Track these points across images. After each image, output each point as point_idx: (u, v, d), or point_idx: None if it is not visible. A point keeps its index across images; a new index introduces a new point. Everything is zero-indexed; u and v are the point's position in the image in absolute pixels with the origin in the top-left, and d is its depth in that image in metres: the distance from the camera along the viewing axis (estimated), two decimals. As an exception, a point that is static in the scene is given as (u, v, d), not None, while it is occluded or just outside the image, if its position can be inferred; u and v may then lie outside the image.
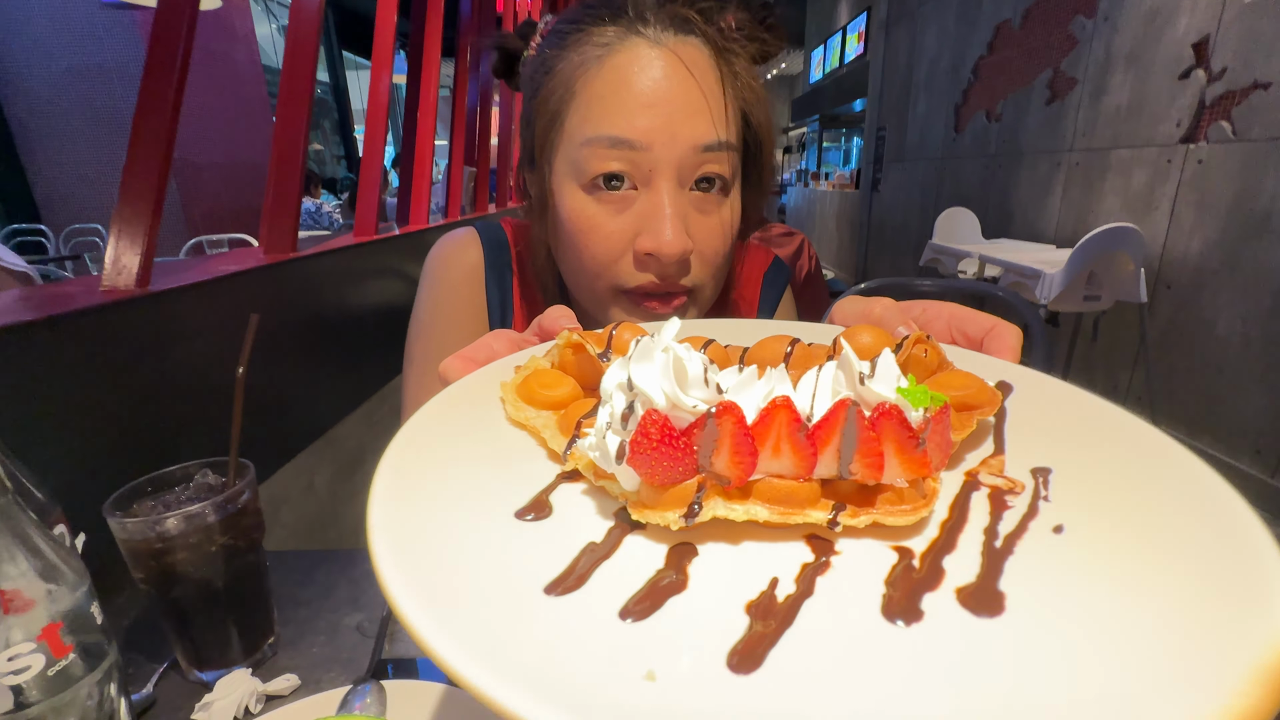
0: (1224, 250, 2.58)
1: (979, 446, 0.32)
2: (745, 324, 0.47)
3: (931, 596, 0.22)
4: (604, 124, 0.54)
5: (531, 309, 0.73)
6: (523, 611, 0.21)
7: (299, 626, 0.62)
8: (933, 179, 5.28)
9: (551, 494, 0.28)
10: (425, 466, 0.28)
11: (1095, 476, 0.28)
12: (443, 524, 0.25)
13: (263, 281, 1.08)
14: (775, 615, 0.21)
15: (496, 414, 0.35)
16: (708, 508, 0.25)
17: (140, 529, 0.48)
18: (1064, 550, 0.24)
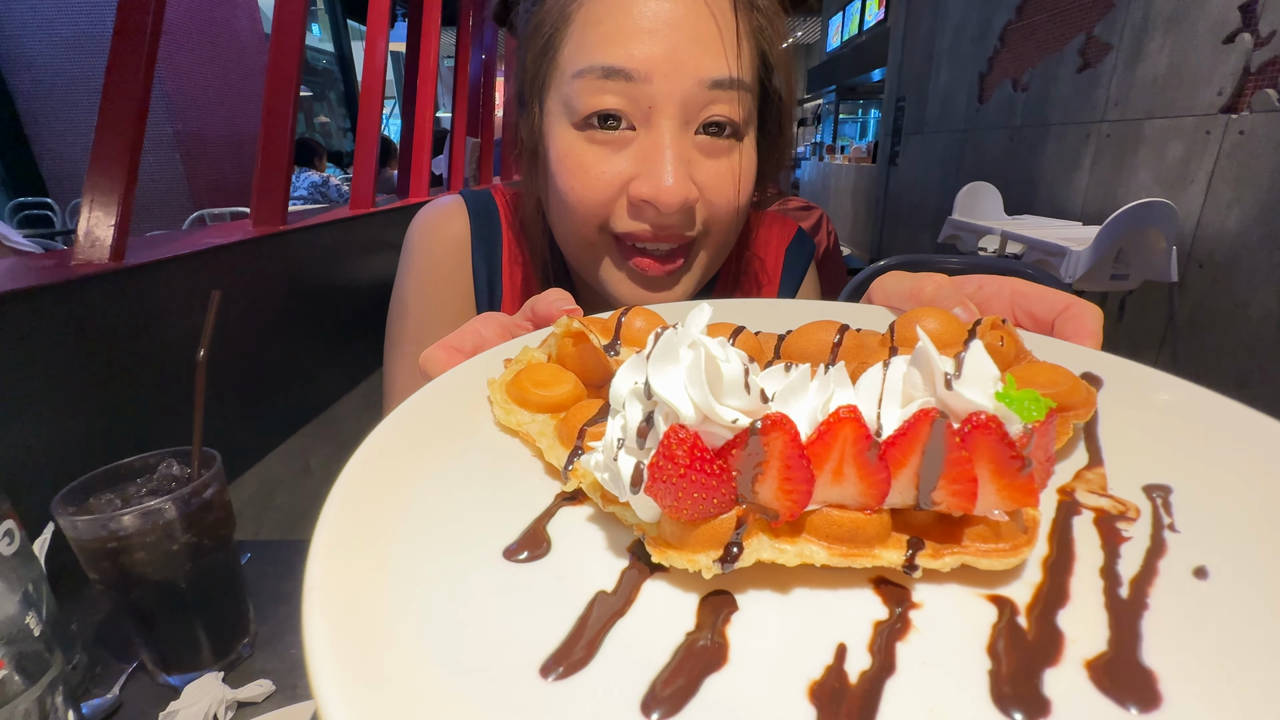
0: (1263, 227, 2.45)
1: (1070, 455, 0.25)
2: (775, 304, 0.40)
3: (1054, 674, 0.17)
4: (598, 52, 0.47)
5: (524, 285, 0.67)
6: (505, 710, 0.15)
7: (278, 624, 0.58)
8: (954, 152, 5.11)
9: (549, 523, 0.23)
10: (388, 493, 0.22)
11: (1230, 497, 0.22)
12: (405, 577, 0.19)
13: (250, 255, 1.03)
14: (851, 706, 0.16)
15: (483, 418, 0.29)
16: (750, 549, 0.20)
17: (91, 528, 0.44)
18: (1215, 603, 0.18)
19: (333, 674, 0.15)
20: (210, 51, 4.97)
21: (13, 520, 0.46)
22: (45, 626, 0.39)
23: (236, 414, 0.85)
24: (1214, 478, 0.23)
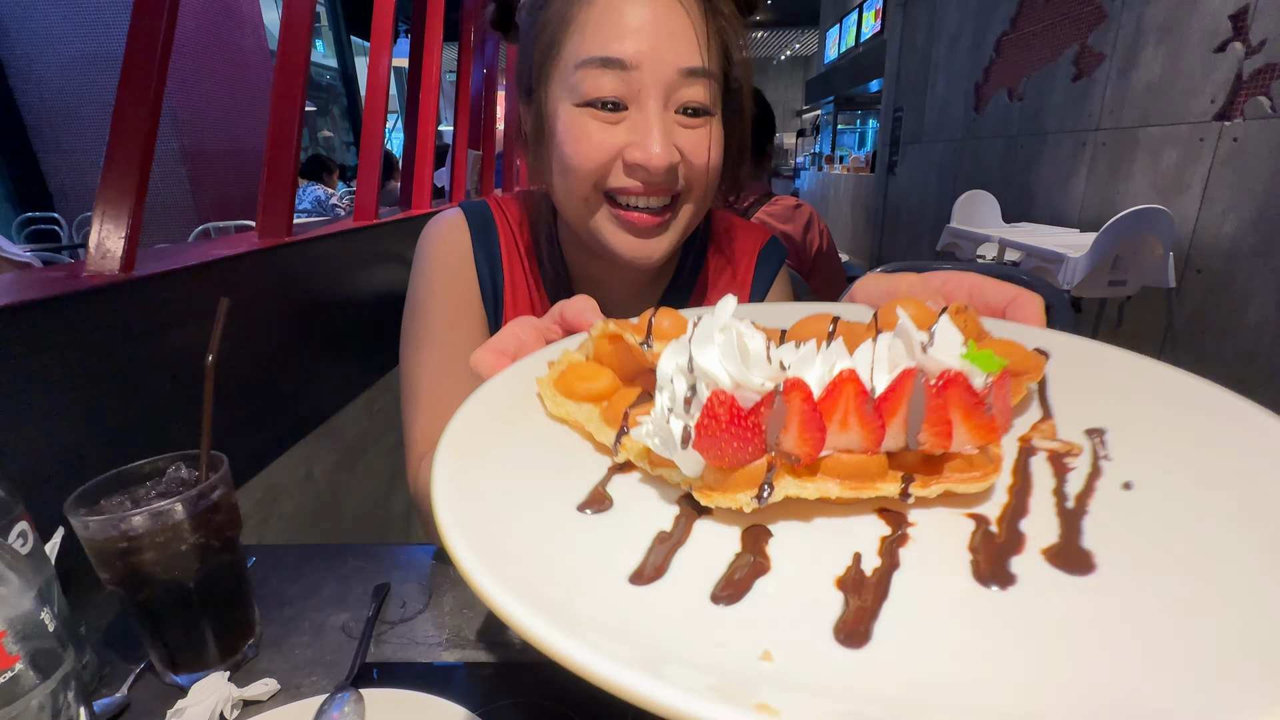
0: (1259, 233, 2.47)
1: (1025, 412, 0.32)
2: (773, 307, 0.45)
3: (1019, 560, 0.22)
4: (597, 46, 0.58)
5: (523, 277, 0.75)
6: (616, 603, 0.21)
7: (283, 625, 0.59)
8: (951, 161, 5.14)
9: (607, 485, 0.28)
10: (477, 467, 0.27)
11: (1153, 433, 0.28)
12: (511, 523, 0.24)
13: (256, 266, 1.05)
14: (869, 589, 0.21)
15: (535, 411, 0.34)
16: (779, 487, 0.25)
17: (103, 528, 0.45)
18: (1138, 505, 0.25)
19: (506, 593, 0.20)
20: (216, 68, 5.04)
21: (26, 522, 0.48)
22: (58, 624, 0.40)
23: (241, 422, 0.86)
24: (1137, 418, 0.30)
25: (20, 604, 0.37)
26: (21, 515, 0.47)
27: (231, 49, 5.29)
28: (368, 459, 1.45)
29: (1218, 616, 0.19)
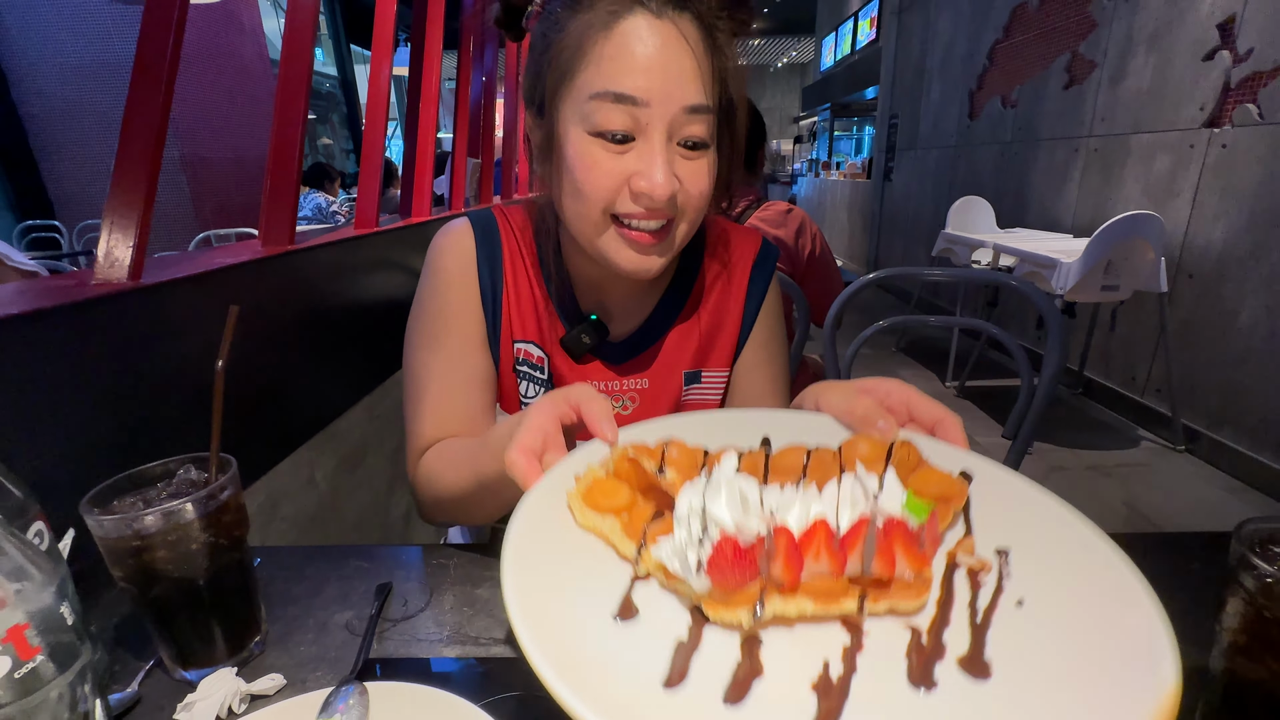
0: (1249, 238, 2.50)
1: (954, 528, 0.41)
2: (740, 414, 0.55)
3: (940, 665, 0.31)
4: (611, 81, 0.61)
5: (525, 278, 0.79)
6: (654, 702, 0.29)
7: (288, 624, 0.61)
8: (946, 167, 5.19)
9: (633, 594, 0.36)
10: (534, 580, 0.34)
11: (1040, 555, 0.37)
12: (569, 633, 0.31)
13: (260, 274, 1.07)
14: (834, 693, 0.29)
15: (567, 519, 0.41)
16: (768, 606, 0.33)
17: (117, 526, 0.47)
18: (1024, 621, 0.33)
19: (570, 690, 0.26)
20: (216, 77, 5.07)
21: (42, 521, 0.50)
22: (76, 618, 0.42)
23: (245, 427, 0.88)
24: (1031, 541, 0.38)
25: (41, 598, 0.39)
26: (38, 515, 0.49)
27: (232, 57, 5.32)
28: (368, 463, 1.47)
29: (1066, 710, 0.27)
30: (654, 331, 0.81)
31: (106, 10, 4.59)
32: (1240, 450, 2.52)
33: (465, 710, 0.46)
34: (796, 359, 1.54)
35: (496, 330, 0.78)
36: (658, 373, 0.81)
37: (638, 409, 0.81)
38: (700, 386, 0.83)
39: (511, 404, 0.81)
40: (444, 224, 0.81)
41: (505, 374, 0.80)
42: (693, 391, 0.83)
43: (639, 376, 0.81)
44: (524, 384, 0.80)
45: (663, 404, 0.81)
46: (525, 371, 0.80)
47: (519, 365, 0.79)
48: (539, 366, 0.79)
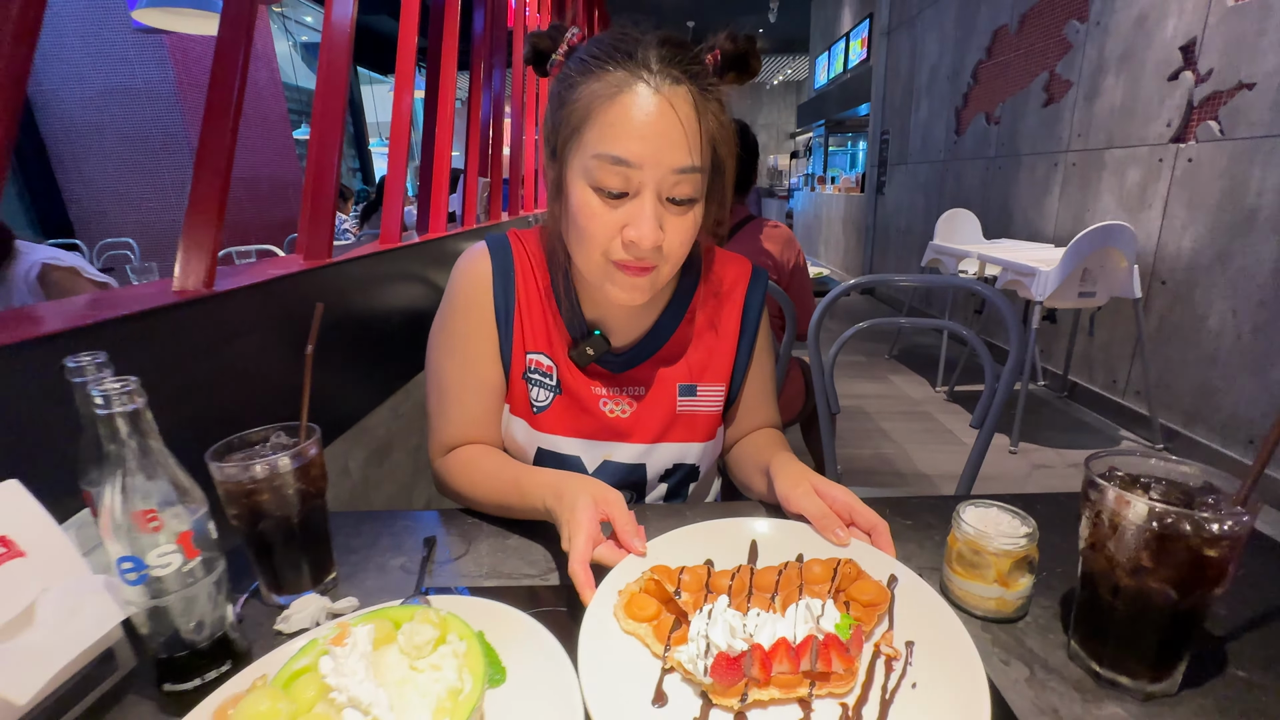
0: (1214, 246, 2.65)
1: (881, 624, 0.58)
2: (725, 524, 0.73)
3: None
4: (611, 145, 0.69)
5: (537, 296, 0.90)
6: None
7: (352, 567, 0.74)
8: (935, 181, 5.36)
9: (663, 683, 0.52)
10: (599, 670, 0.52)
11: (931, 645, 0.54)
12: (621, 704, 0.49)
13: (306, 284, 1.21)
14: None
15: (614, 624, 0.58)
16: (751, 694, 0.50)
17: (235, 473, 0.60)
18: (916, 698, 0.50)
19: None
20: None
21: (172, 472, 0.63)
22: (216, 538, 0.55)
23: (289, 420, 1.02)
24: (929, 635, 0.54)
25: (197, 516, 0.52)
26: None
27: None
28: (393, 458, 1.60)
29: None
30: (651, 345, 0.91)
31: (128, 38, 4.80)
32: (1213, 447, 2.64)
33: (514, 615, 0.59)
34: (786, 358, 1.68)
35: (509, 342, 0.89)
36: (653, 382, 0.92)
37: (635, 413, 0.91)
38: (695, 399, 0.93)
39: (521, 407, 0.91)
40: (459, 240, 0.94)
41: (515, 380, 0.90)
42: (687, 403, 0.93)
43: (636, 385, 0.91)
44: (535, 390, 0.90)
45: (657, 410, 0.91)
46: (536, 379, 0.90)
47: (530, 373, 0.90)
48: (549, 375, 0.90)
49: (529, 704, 0.50)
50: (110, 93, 4.91)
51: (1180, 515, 0.46)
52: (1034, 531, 0.59)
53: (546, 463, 0.91)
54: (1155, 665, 0.51)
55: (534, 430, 0.90)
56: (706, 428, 0.94)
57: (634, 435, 0.91)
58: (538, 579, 0.71)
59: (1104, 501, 0.50)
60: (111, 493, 0.48)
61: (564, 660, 0.52)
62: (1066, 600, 0.63)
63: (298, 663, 0.46)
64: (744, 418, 0.99)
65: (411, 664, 0.47)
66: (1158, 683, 0.51)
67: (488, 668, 0.47)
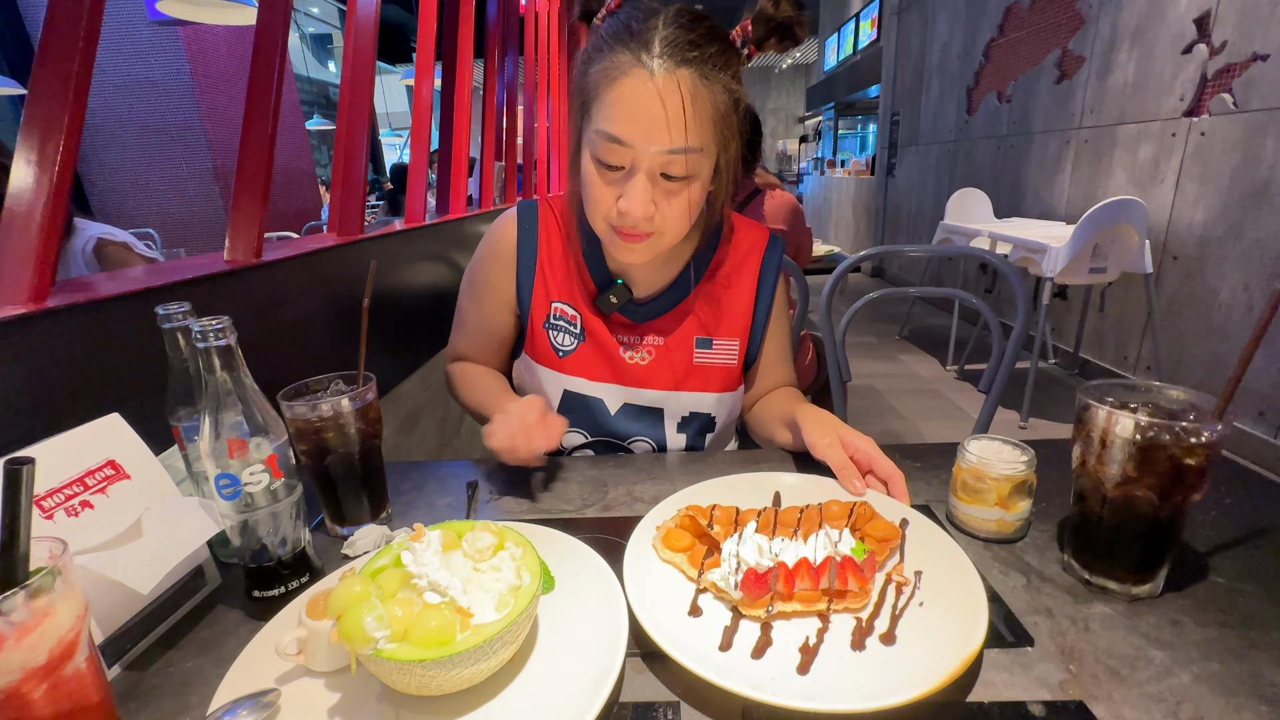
0: (1226, 220, 2.65)
1: (893, 558, 0.64)
2: (753, 478, 0.79)
3: (870, 639, 0.53)
4: (609, 124, 0.75)
5: (560, 258, 0.98)
6: (715, 658, 0.52)
7: (403, 506, 0.81)
8: (946, 162, 5.34)
9: (698, 600, 0.58)
10: (641, 588, 0.58)
11: (936, 573, 0.60)
12: (663, 620, 0.55)
13: (343, 257, 1.28)
14: (810, 652, 0.52)
15: (652, 553, 0.65)
16: (776, 606, 0.56)
17: (304, 411, 0.67)
18: (923, 613, 0.56)
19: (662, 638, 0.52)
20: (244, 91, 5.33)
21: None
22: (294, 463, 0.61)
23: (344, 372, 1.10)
24: (934, 564, 0.61)
25: (280, 443, 0.59)
26: (244, 408, 0.69)
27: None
28: (422, 427, 1.67)
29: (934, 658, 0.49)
30: (671, 299, 0.98)
31: (145, 31, 4.88)
32: (1223, 420, 2.66)
33: (559, 536, 0.65)
34: (796, 333, 1.73)
35: (529, 291, 0.98)
36: (672, 333, 0.98)
37: (653, 361, 0.98)
38: (711, 352, 0.99)
39: (545, 354, 0.98)
40: (477, 221, 1.03)
41: (537, 329, 0.98)
42: (704, 355, 0.99)
43: (657, 335, 0.98)
44: (560, 335, 0.98)
45: (675, 360, 0.98)
46: (561, 325, 0.98)
47: (553, 320, 0.98)
48: (573, 322, 0.98)
49: (579, 609, 0.57)
50: (128, 85, 4.99)
51: (1162, 427, 0.51)
52: (1032, 458, 0.65)
53: (572, 404, 0.98)
54: (1139, 570, 0.56)
55: (559, 374, 0.98)
56: (723, 380, 1.00)
57: (652, 382, 0.98)
58: (574, 514, 0.77)
59: (1094, 420, 0.55)
60: (209, 420, 0.55)
61: (608, 573, 0.59)
62: (1062, 525, 0.69)
63: (378, 562, 0.52)
64: (763, 378, 1.06)
65: (475, 566, 0.53)
66: (1142, 585, 0.56)
67: (543, 568, 0.54)
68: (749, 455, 0.92)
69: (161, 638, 0.57)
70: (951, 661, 0.47)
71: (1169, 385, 0.58)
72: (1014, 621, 0.55)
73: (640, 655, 0.53)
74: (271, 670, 0.50)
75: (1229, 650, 0.51)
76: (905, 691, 0.44)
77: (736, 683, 0.46)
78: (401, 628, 0.45)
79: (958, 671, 0.46)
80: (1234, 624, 0.54)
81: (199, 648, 0.56)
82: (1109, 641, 0.52)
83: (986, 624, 0.50)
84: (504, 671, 0.50)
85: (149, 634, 0.57)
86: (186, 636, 0.58)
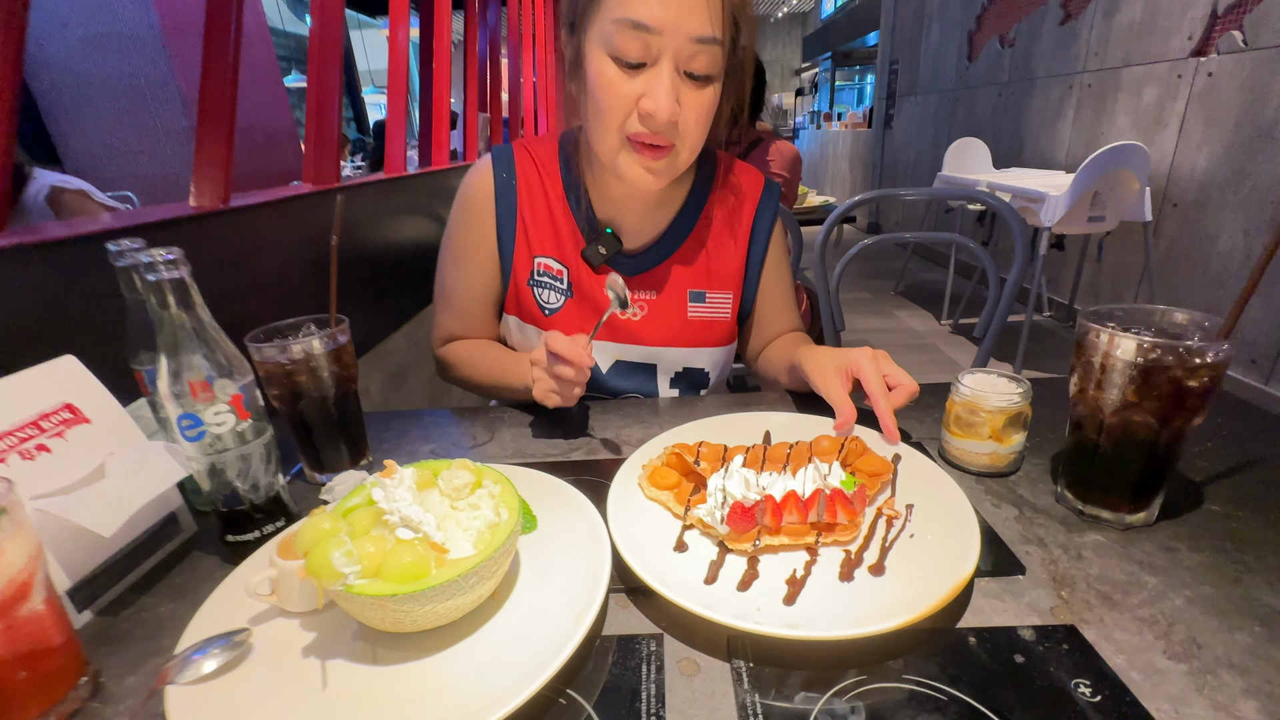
0: (1229, 164, 2.59)
1: (885, 492, 0.62)
2: (745, 418, 0.77)
3: (859, 570, 0.52)
4: (631, 9, 0.68)
5: (538, 205, 0.91)
6: (699, 591, 0.50)
7: (385, 453, 0.79)
8: (946, 112, 5.20)
9: (683, 536, 0.57)
10: (626, 526, 0.57)
11: (928, 506, 0.58)
12: (649, 555, 0.53)
13: (317, 204, 1.23)
14: (797, 584, 0.50)
15: (637, 491, 0.63)
16: (763, 540, 0.54)
17: (274, 354, 0.64)
18: (912, 545, 0.54)
19: (648, 574, 0.50)
20: (218, 45, 5.09)
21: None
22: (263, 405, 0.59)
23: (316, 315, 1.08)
24: (926, 497, 0.59)
25: (244, 383, 0.56)
26: (211, 352, 0.66)
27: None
28: (410, 384, 1.65)
29: (923, 585, 0.48)
30: (664, 249, 0.92)
31: (108, -19, 4.62)
32: (1216, 369, 2.67)
33: (543, 476, 0.64)
34: (791, 282, 1.70)
35: (511, 248, 0.91)
36: (665, 286, 0.93)
37: (646, 316, 0.93)
38: (705, 306, 0.95)
39: (531, 314, 0.94)
40: (462, 173, 0.95)
41: (521, 288, 0.93)
42: (698, 309, 0.95)
43: (648, 289, 0.93)
44: (544, 293, 0.92)
45: (668, 315, 0.93)
46: (546, 282, 0.92)
47: (538, 276, 0.92)
48: (559, 278, 0.92)
49: (561, 548, 0.55)
50: (93, 40, 4.76)
51: (1166, 348, 0.49)
52: (1027, 390, 0.63)
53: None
54: (1134, 498, 0.55)
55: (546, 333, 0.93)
56: (717, 334, 0.96)
57: (645, 338, 0.94)
58: (559, 457, 0.75)
59: (1095, 345, 0.53)
60: (167, 361, 0.52)
61: (592, 511, 0.57)
62: (1056, 458, 0.67)
63: (350, 501, 0.51)
64: (767, 326, 1.01)
65: (452, 504, 0.52)
66: (1137, 513, 0.55)
67: (522, 504, 0.52)
68: (742, 398, 0.90)
69: (135, 584, 0.56)
70: (940, 589, 0.46)
71: (1172, 308, 0.56)
72: (1005, 551, 0.54)
73: (625, 591, 0.52)
74: (245, 611, 0.49)
75: (1223, 574, 0.50)
76: (893, 618, 0.43)
77: (721, 613, 0.45)
78: (374, 564, 0.44)
79: (947, 598, 0.45)
80: (1228, 549, 0.53)
81: (173, 592, 0.55)
82: (1101, 568, 0.51)
83: (978, 552, 0.49)
84: (484, 608, 0.49)
85: (121, 580, 0.55)
86: (161, 582, 0.56)
